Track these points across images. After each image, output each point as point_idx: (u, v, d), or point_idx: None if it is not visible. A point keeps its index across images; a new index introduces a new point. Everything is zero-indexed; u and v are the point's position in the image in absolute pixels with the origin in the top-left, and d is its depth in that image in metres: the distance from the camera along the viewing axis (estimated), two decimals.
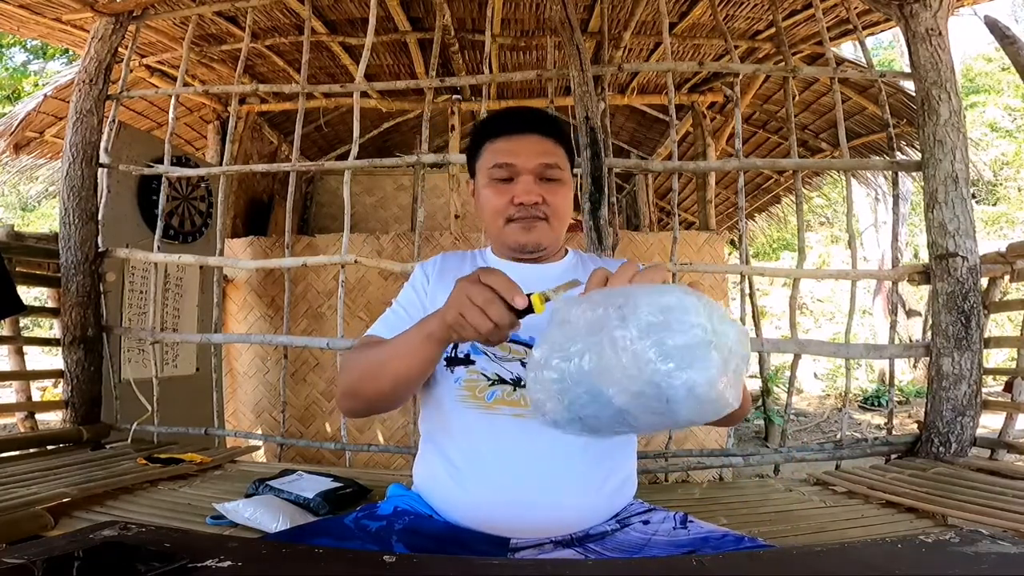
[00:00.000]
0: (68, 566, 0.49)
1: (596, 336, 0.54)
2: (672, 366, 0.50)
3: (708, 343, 0.52)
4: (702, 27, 3.35)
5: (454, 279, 0.95)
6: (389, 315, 0.96)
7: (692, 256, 3.79)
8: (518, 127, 0.94)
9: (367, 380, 0.81)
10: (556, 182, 0.92)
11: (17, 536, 1.17)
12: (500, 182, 0.92)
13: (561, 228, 0.96)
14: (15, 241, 2.26)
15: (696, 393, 0.51)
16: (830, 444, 2.09)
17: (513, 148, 0.92)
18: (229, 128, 2.58)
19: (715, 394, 0.52)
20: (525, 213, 0.91)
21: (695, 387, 0.51)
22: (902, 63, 8.55)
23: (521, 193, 0.90)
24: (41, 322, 7.49)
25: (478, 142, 0.97)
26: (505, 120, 0.96)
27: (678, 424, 0.56)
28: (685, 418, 0.54)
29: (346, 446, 2.26)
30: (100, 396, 2.34)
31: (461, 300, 0.65)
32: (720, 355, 0.52)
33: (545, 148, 0.92)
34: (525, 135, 0.93)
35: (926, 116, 1.98)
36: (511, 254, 0.96)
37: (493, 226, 0.94)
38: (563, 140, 0.97)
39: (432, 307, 0.91)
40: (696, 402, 0.52)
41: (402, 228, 4.68)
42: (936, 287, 1.97)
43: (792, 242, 10.30)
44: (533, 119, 0.95)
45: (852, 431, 5.09)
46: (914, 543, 0.56)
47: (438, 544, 0.78)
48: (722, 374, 0.52)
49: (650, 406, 0.52)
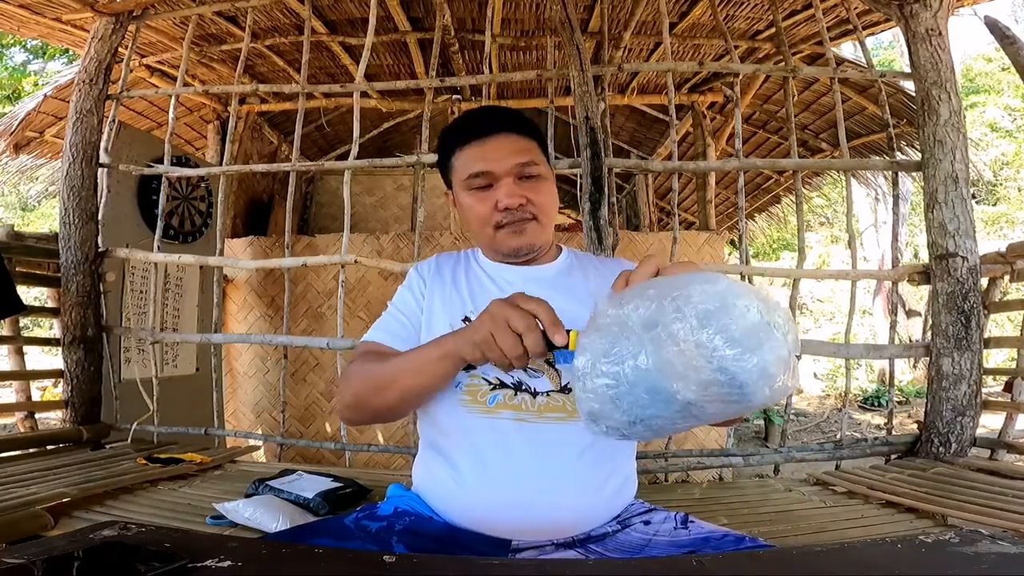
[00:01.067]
0: (68, 566, 0.49)
1: (650, 332, 0.52)
2: (740, 351, 0.50)
3: (767, 324, 0.52)
4: (702, 27, 3.35)
5: (450, 280, 0.94)
6: (387, 320, 0.94)
7: (692, 256, 3.79)
8: (485, 130, 0.90)
9: (374, 393, 0.80)
10: (536, 179, 0.90)
11: (17, 536, 1.17)
12: (480, 190, 0.89)
13: (550, 224, 0.94)
14: (15, 241, 2.26)
15: (769, 373, 0.51)
16: (830, 444, 2.09)
17: (485, 153, 0.88)
18: (229, 128, 2.58)
19: (785, 373, 0.52)
20: (512, 217, 0.88)
21: (767, 368, 0.51)
22: (902, 63, 8.56)
23: (504, 197, 0.87)
24: (41, 322, 7.49)
25: (448, 153, 0.93)
26: (470, 125, 0.92)
27: (752, 407, 0.55)
28: (760, 401, 0.53)
29: (346, 446, 2.26)
30: (100, 396, 2.34)
31: (497, 322, 0.64)
32: (780, 334, 0.52)
33: (518, 146, 0.89)
34: (493, 136, 0.89)
35: (926, 116, 1.98)
36: (504, 258, 0.94)
37: (483, 234, 0.92)
38: (533, 134, 0.93)
39: (429, 310, 0.91)
40: (769, 382, 0.51)
41: (402, 228, 4.68)
42: (936, 287, 1.96)
43: (792, 242, 10.30)
44: (499, 118, 0.92)
45: (852, 431, 5.09)
46: (914, 543, 0.56)
47: (438, 545, 0.78)
48: (787, 352, 0.52)
49: (722, 394, 0.52)
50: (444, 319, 0.89)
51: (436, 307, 0.91)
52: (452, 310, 0.90)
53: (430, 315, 0.91)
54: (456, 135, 0.93)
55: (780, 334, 0.52)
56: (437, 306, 0.91)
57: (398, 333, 0.90)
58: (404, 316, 0.93)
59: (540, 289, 0.91)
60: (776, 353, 0.51)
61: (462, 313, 0.89)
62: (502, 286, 0.92)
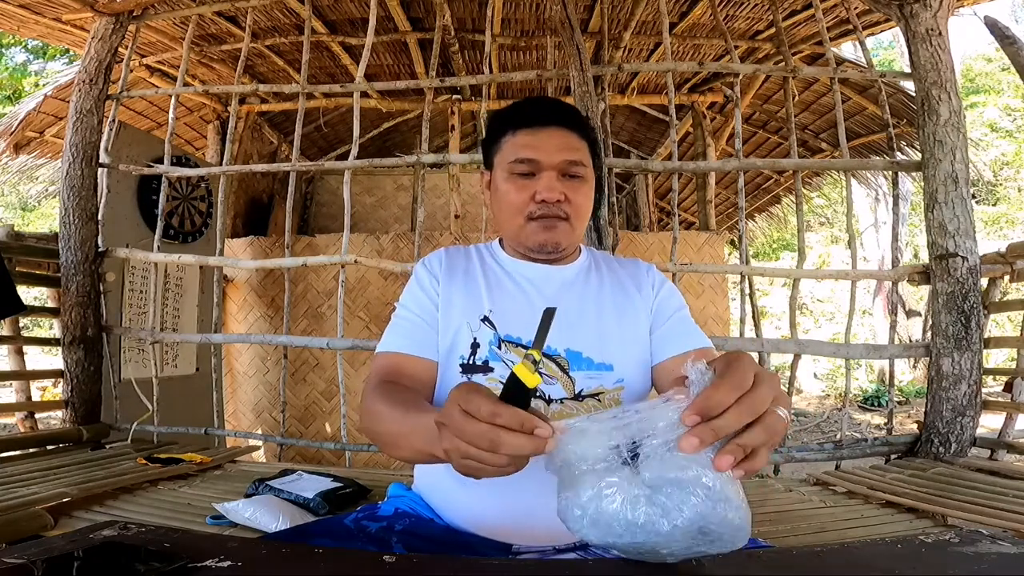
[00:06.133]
0: (68, 566, 0.49)
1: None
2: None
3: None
4: (702, 27, 3.35)
5: (463, 276, 0.90)
6: (402, 324, 0.87)
7: (692, 256, 3.79)
8: (542, 119, 0.88)
9: (388, 445, 0.74)
10: (579, 179, 0.87)
11: (17, 536, 1.17)
12: (521, 177, 0.86)
13: (581, 228, 0.91)
14: (15, 241, 2.26)
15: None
16: (830, 444, 2.09)
17: (536, 142, 0.86)
18: (229, 128, 2.58)
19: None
20: (546, 211, 0.86)
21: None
22: (902, 63, 8.56)
23: (543, 190, 0.85)
24: (41, 322, 7.48)
25: (498, 133, 0.91)
26: (528, 111, 0.90)
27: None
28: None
29: (346, 446, 2.26)
30: (100, 396, 2.34)
31: (457, 449, 0.50)
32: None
33: (570, 143, 0.87)
34: (549, 128, 0.87)
35: (926, 116, 1.98)
36: (526, 253, 0.91)
37: (511, 223, 0.89)
38: (588, 135, 0.91)
39: (444, 307, 0.86)
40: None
41: (402, 228, 4.68)
42: (936, 287, 1.97)
43: (792, 242, 10.30)
44: (558, 111, 0.89)
45: (852, 431, 5.09)
46: (914, 543, 0.56)
47: (439, 547, 0.77)
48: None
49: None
50: (461, 319, 0.85)
51: (451, 305, 0.87)
52: (469, 309, 0.85)
53: (447, 313, 0.86)
54: (513, 117, 0.90)
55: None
56: (452, 304, 0.87)
57: (414, 337, 0.85)
58: (419, 317, 0.87)
59: (559, 290, 0.89)
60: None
61: (480, 313, 0.85)
62: (521, 284, 0.89)
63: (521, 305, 0.86)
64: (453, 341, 0.84)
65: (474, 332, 0.83)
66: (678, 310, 0.90)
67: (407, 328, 0.86)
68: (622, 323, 0.87)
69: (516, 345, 0.83)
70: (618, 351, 0.84)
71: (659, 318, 0.89)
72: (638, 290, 0.91)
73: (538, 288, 0.89)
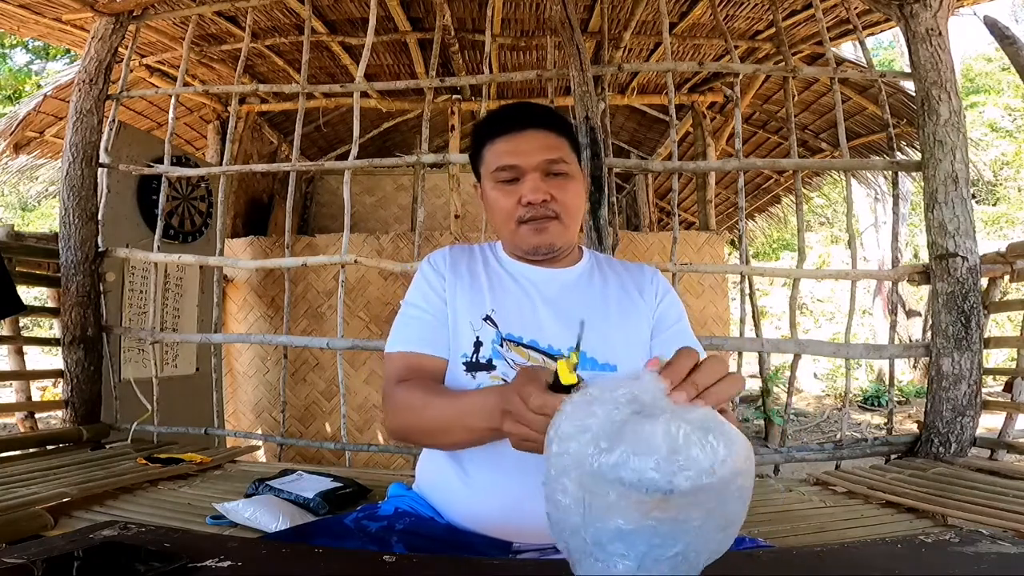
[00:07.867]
0: (68, 566, 0.49)
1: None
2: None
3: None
4: (702, 27, 3.35)
5: (468, 275, 0.92)
6: (411, 324, 0.88)
7: (692, 256, 3.79)
8: (517, 124, 0.90)
9: (424, 436, 0.79)
10: (563, 176, 0.88)
11: (17, 536, 1.17)
12: (506, 184, 0.88)
13: (574, 226, 0.92)
14: (15, 241, 2.26)
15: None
16: (830, 444, 2.09)
17: (514, 147, 0.88)
18: (229, 128, 2.58)
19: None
20: (535, 213, 0.87)
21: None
22: (902, 63, 8.55)
23: (528, 192, 0.86)
24: (41, 322, 7.48)
25: (479, 145, 0.93)
26: (503, 118, 0.92)
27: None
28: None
29: (346, 446, 2.26)
30: (100, 396, 2.34)
31: (519, 433, 0.59)
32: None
33: (548, 143, 0.88)
34: (525, 131, 0.89)
35: (926, 116, 1.98)
36: (524, 256, 0.92)
37: (505, 229, 0.91)
38: (565, 132, 0.92)
39: (453, 305, 0.87)
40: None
41: (402, 228, 4.68)
42: (936, 287, 1.97)
43: (792, 242, 10.30)
44: (532, 114, 0.91)
45: (852, 431, 5.08)
46: (914, 543, 0.56)
47: (439, 546, 0.77)
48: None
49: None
50: (465, 317, 0.86)
51: (456, 303, 0.88)
52: (472, 308, 0.87)
53: (452, 310, 0.87)
54: (489, 127, 0.92)
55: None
56: (457, 302, 0.88)
57: (427, 337, 0.86)
58: (430, 315, 0.87)
59: (560, 292, 0.90)
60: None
61: (482, 312, 0.86)
62: (524, 286, 0.90)
63: (523, 305, 0.87)
64: (457, 338, 0.85)
65: (476, 331, 0.84)
66: (678, 321, 0.92)
67: (419, 326, 0.87)
68: (625, 324, 0.87)
69: (517, 344, 0.83)
70: (622, 351, 0.84)
71: (660, 326, 0.90)
72: (640, 294, 0.92)
73: (539, 289, 0.89)
